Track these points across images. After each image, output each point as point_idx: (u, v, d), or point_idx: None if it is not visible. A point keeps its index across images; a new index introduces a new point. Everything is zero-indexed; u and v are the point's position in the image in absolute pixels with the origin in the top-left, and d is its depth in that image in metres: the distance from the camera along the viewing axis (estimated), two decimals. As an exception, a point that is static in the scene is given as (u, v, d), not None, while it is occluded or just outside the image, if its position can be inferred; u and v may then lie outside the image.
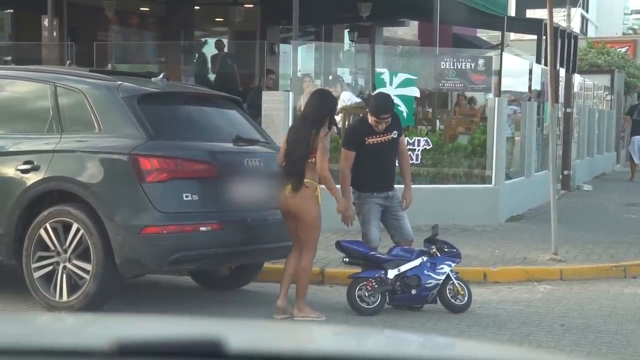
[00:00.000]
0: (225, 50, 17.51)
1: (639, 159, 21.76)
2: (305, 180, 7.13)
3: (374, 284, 7.55)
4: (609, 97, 26.33)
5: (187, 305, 7.79)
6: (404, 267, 7.61)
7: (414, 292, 7.62)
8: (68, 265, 7.13)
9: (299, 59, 13.81)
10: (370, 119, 7.78)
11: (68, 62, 11.13)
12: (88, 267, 7.04)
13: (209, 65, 17.42)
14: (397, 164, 8.15)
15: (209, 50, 18.04)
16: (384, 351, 1.69)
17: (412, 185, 8.36)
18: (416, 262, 7.65)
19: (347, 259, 7.79)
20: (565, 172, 17.48)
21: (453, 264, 7.78)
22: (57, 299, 7.14)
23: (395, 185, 8.05)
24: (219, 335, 1.52)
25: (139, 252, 7.00)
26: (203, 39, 18.54)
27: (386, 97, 8.21)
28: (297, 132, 7.28)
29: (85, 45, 14.07)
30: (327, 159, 7.20)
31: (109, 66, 13.70)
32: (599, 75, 25.95)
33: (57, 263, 7.17)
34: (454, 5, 14.92)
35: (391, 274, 7.57)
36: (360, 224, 7.93)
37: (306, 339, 1.88)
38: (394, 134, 7.87)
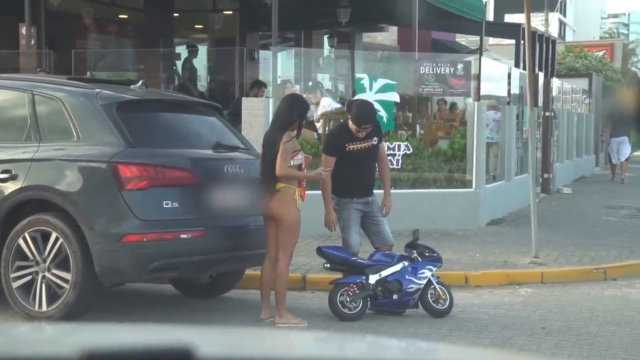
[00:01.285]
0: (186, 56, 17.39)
1: (617, 159, 22.44)
2: (282, 184, 7.13)
3: (356, 289, 7.54)
4: (587, 101, 26.49)
5: (168, 313, 7.75)
6: (385, 272, 7.61)
7: (395, 297, 7.62)
8: (47, 274, 7.07)
9: (279, 65, 13.80)
10: (351, 125, 7.79)
11: (38, 69, 11.06)
12: (67, 276, 6.98)
13: (179, 70, 17.31)
14: (376, 170, 8.16)
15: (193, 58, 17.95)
16: (363, 357, 1.68)
17: (393, 190, 8.38)
18: (397, 267, 7.66)
19: (329, 265, 7.78)
20: (545, 176, 17.56)
21: (434, 269, 7.79)
22: (36, 309, 7.07)
23: (375, 191, 8.05)
24: (190, 343, 1.50)
25: (119, 260, 6.95)
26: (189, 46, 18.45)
27: (368, 106, 8.19)
28: (268, 137, 7.32)
29: (64, 53, 13.99)
30: (286, 160, 7.11)
31: (88, 74, 13.63)
32: (577, 79, 26.13)
33: (36, 273, 7.11)
34: (433, 10, 14.96)
35: (372, 279, 7.57)
36: (340, 229, 7.92)
37: (280, 344, 1.86)
38: (374, 141, 7.87)
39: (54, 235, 7.04)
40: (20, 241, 7.14)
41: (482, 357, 2.00)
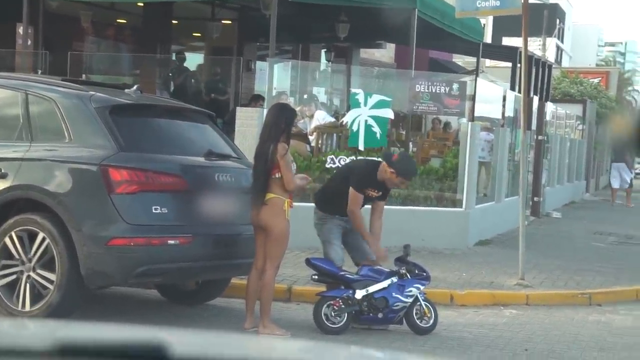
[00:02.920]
0: (185, 64, 17.40)
1: (618, 184, 23.46)
2: (273, 195, 7.15)
3: (341, 303, 7.54)
4: (580, 127, 26.58)
5: (152, 318, 7.72)
6: (372, 288, 7.60)
7: (380, 315, 7.61)
8: (32, 274, 7.05)
9: (275, 77, 13.83)
10: (396, 178, 7.68)
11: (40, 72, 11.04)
12: (52, 277, 6.96)
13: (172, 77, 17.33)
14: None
15: (189, 64, 17.96)
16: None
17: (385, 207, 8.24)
18: (385, 284, 7.63)
19: (317, 277, 7.77)
20: (535, 199, 17.60)
21: (422, 287, 7.77)
22: (19, 308, 7.04)
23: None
24: (163, 340, 1.50)
25: (105, 263, 6.93)
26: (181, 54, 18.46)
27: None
28: (259, 149, 7.31)
29: (60, 55, 13.99)
30: (292, 172, 7.22)
31: (83, 76, 13.62)
32: (571, 105, 26.22)
33: (21, 272, 7.08)
34: (431, 29, 15.02)
35: (359, 294, 7.56)
36: (321, 244, 7.90)
37: (256, 347, 1.86)
38: (381, 197, 7.88)
39: (40, 235, 7.02)
40: (7, 240, 7.12)
41: None
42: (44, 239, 7.01)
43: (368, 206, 7.98)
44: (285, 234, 7.25)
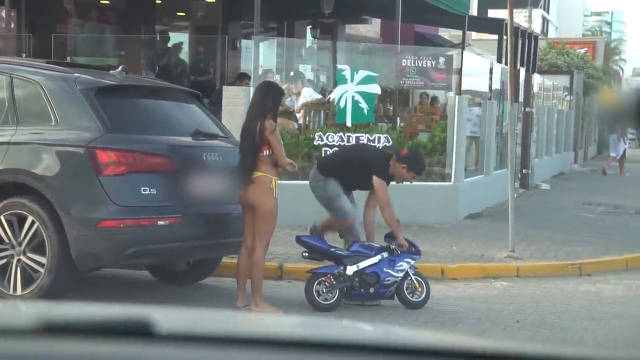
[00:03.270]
0: (169, 44, 17.32)
1: (616, 153, 24.58)
2: (260, 173, 7.15)
3: (332, 280, 7.56)
4: (568, 98, 26.62)
5: (143, 299, 7.73)
6: (363, 264, 7.62)
7: (372, 290, 7.63)
8: (22, 258, 7.04)
9: (261, 55, 13.75)
10: (407, 173, 7.95)
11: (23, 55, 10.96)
12: (43, 260, 6.96)
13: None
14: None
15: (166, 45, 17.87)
16: (325, 335, 1.68)
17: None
18: (375, 259, 7.66)
19: (307, 254, 7.79)
20: (524, 171, 17.65)
21: (412, 262, 7.80)
22: (10, 292, 7.04)
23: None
24: (149, 316, 1.49)
25: (95, 245, 6.92)
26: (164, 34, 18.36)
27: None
28: (246, 125, 7.32)
29: (44, 38, 13.90)
30: (282, 148, 7.30)
31: (68, 58, 13.54)
32: (558, 76, 26.23)
33: (12, 256, 7.08)
34: (417, 3, 14.97)
35: (350, 270, 7.58)
36: (328, 202, 8.04)
37: (243, 322, 1.85)
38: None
39: (29, 219, 7.01)
40: (-4, 224, 7.10)
41: (459, 342, 2.00)
42: (33, 223, 6.99)
43: (363, 192, 8.17)
44: (274, 212, 7.25)
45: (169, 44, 17.14)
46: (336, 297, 7.57)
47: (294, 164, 7.54)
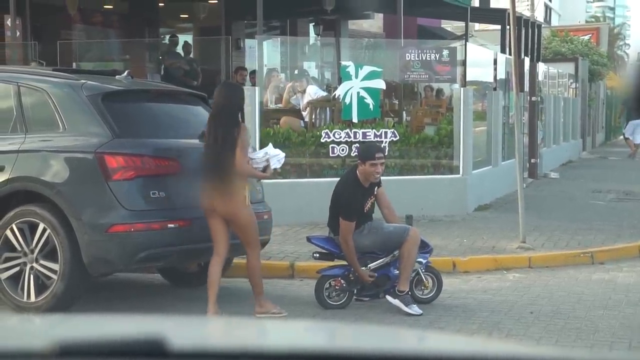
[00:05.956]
0: (180, 47, 17.27)
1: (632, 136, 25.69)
2: (234, 182, 6.89)
3: (343, 282, 7.53)
4: (573, 85, 26.55)
5: (156, 303, 7.76)
6: (373, 265, 7.58)
7: (382, 291, 7.59)
8: (35, 265, 7.08)
9: (265, 54, 13.79)
10: (367, 168, 7.42)
11: (33, 61, 11.00)
12: (55, 267, 6.99)
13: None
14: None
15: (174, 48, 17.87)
16: (335, 346, 1.68)
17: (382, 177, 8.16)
18: (387, 259, 7.61)
19: (318, 255, 7.75)
20: (532, 161, 17.61)
21: (423, 261, 7.74)
22: (25, 299, 7.08)
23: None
24: (162, 334, 1.50)
25: (106, 250, 6.95)
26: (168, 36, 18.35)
27: (371, 142, 8.03)
28: (218, 131, 6.93)
29: (49, 45, 13.94)
30: (246, 156, 6.94)
31: (74, 65, 13.57)
32: (563, 64, 26.15)
33: (24, 264, 7.11)
34: (418, -4, 14.96)
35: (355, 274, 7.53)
36: (381, 239, 7.62)
37: (253, 335, 1.85)
38: (376, 190, 7.70)
39: (41, 226, 7.04)
40: (8, 232, 7.14)
41: (470, 345, 2.01)
42: (44, 230, 7.03)
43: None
44: (252, 220, 7.04)
45: (177, 48, 17.09)
46: (346, 298, 7.56)
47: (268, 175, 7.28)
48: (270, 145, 7.42)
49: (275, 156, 7.11)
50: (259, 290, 7.22)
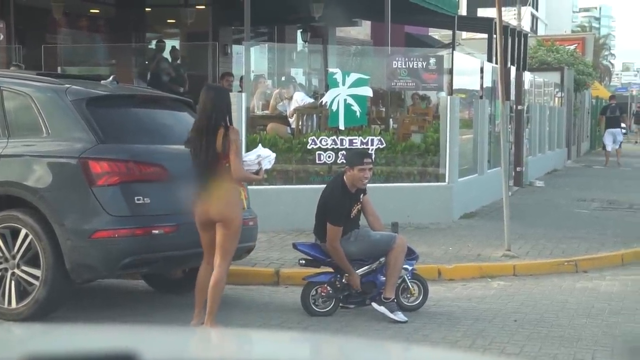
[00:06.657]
0: (167, 52, 17.23)
1: (611, 147, 26.29)
2: (229, 185, 6.63)
3: (329, 289, 7.51)
4: (559, 94, 26.64)
5: (140, 310, 7.71)
6: (359, 271, 7.56)
7: (368, 297, 7.58)
8: (17, 271, 7.02)
9: (252, 60, 13.75)
10: (355, 173, 7.43)
11: (12, 64, 10.93)
12: (37, 273, 6.93)
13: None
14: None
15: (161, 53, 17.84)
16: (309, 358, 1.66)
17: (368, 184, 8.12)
18: (373, 266, 7.59)
19: (304, 261, 7.73)
20: (518, 169, 17.65)
21: (409, 267, 7.73)
22: (5, 306, 7.02)
23: None
24: (133, 348, 1.47)
25: (90, 256, 6.90)
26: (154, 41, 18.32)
27: (359, 148, 8.10)
28: (204, 134, 6.63)
29: (34, 48, 13.87)
30: (241, 160, 6.71)
31: (58, 69, 13.51)
32: (549, 73, 26.23)
33: (5, 269, 7.05)
34: (406, 5, 14.98)
35: (347, 278, 7.52)
36: (368, 245, 7.60)
37: (230, 346, 1.82)
38: (361, 197, 7.68)
39: (23, 231, 6.99)
40: (-11, 238, 7.08)
41: (452, 358, 1.99)
42: (27, 235, 6.97)
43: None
44: (240, 230, 6.76)
45: (164, 53, 17.06)
46: (332, 305, 7.54)
47: (261, 177, 7.02)
48: (260, 145, 7.36)
49: (266, 157, 7.03)
50: (214, 307, 6.64)
